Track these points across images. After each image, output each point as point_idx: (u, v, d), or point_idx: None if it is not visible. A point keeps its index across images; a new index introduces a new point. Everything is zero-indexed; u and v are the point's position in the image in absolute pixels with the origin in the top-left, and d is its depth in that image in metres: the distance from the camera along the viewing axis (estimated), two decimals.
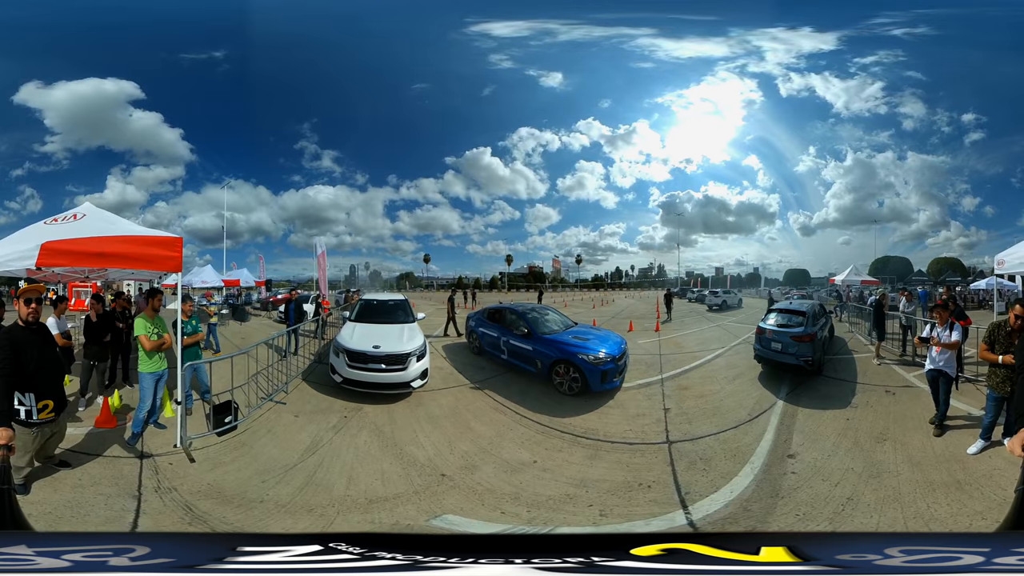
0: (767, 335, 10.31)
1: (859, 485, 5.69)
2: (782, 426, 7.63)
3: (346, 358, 8.76)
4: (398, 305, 11.45)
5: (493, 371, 10.57)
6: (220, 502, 5.42)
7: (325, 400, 8.70)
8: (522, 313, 10.90)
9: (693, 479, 6.03)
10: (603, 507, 5.38)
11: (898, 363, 11.22)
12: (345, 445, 6.89)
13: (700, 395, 9.45)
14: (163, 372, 6.85)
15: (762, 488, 5.78)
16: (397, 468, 6.25)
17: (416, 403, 8.62)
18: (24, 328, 4.72)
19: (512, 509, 5.31)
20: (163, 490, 5.55)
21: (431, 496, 5.62)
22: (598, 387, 8.93)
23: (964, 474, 5.78)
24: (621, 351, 9.70)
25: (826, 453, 6.59)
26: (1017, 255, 8.45)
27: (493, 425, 7.81)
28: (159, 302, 7.07)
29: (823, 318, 11.94)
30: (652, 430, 7.66)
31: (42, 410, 4.72)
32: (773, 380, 9.88)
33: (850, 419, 7.73)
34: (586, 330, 10.98)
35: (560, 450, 6.89)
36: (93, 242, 6.39)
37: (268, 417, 7.87)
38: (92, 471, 5.78)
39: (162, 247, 6.71)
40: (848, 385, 9.53)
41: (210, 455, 6.50)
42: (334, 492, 5.64)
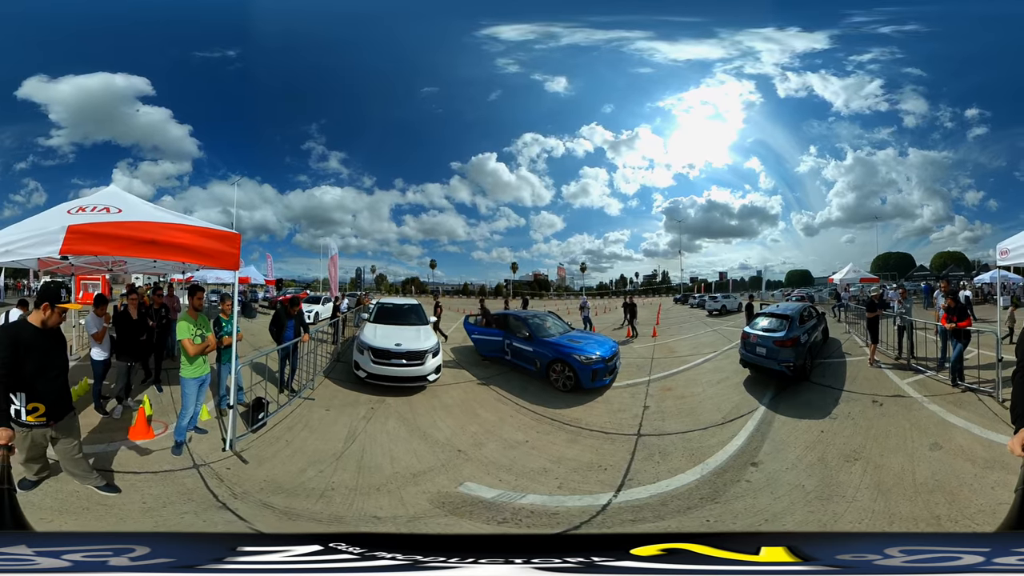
0: (751, 340, 10.25)
1: (797, 505, 5.31)
2: (757, 432, 7.44)
3: (371, 355, 9.50)
4: (412, 309, 12.30)
5: (497, 370, 11.39)
6: (293, 496, 5.51)
7: (351, 395, 9.29)
8: (524, 319, 11.65)
9: (643, 468, 6.52)
10: (563, 481, 6.15)
11: (893, 367, 10.33)
12: (378, 431, 7.55)
13: (680, 396, 9.77)
14: (207, 376, 6.42)
15: (700, 489, 5.85)
16: (424, 447, 7.09)
17: (431, 395, 9.47)
18: (36, 330, 4.44)
19: (506, 477, 6.20)
20: (240, 495, 5.37)
21: (454, 468, 6.44)
22: (589, 384, 9.68)
23: (944, 511, 4.87)
24: (612, 353, 10.41)
25: (786, 465, 6.27)
26: (1021, 244, 7.22)
27: (496, 412, 8.76)
28: (200, 300, 6.44)
29: (812, 321, 11.53)
30: (628, 423, 8.25)
31: (31, 412, 4.41)
32: (759, 385, 9.66)
33: (824, 431, 7.20)
34: (581, 334, 11.86)
35: (548, 433, 7.79)
36: (140, 228, 5.51)
37: (299, 413, 8.19)
38: (153, 491, 5.26)
39: (222, 242, 6.08)
40: (833, 393, 8.94)
41: (251, 454, 6.48)
42: (385, 471, 6.23)
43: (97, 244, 5.35)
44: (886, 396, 8.55)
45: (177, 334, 6.15)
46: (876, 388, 9.09)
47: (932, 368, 9.83)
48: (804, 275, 40.76)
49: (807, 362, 10.00)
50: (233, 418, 6.48)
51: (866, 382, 9.55)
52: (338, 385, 9.89)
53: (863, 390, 9.01)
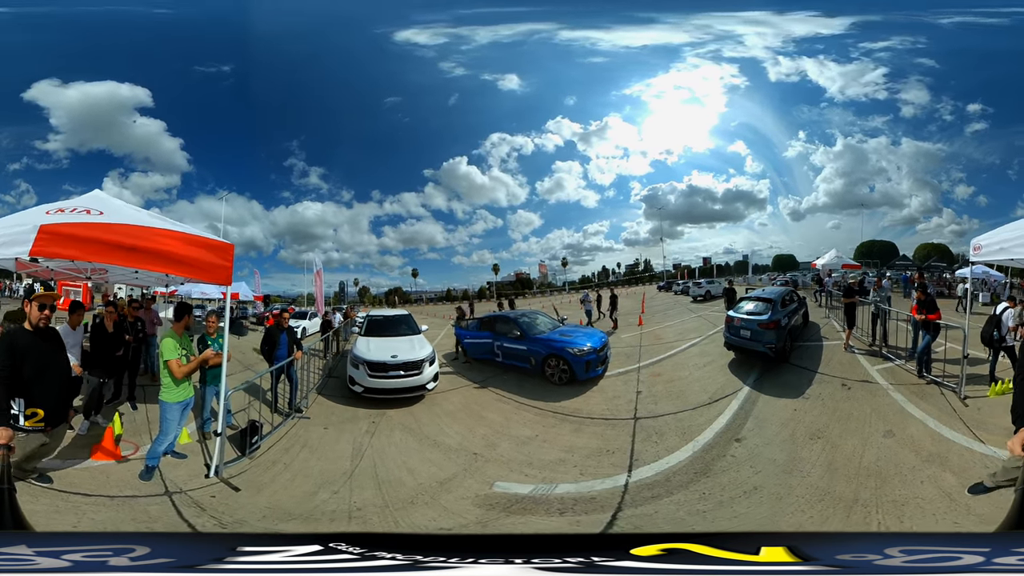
0: (735, 323, 10.43)
1: (769, 479, 5.55)
2: (741, 411, 7.73)
3: (367, 369, 9.24)
4: (402, 319, 12.07)
5: (491, 371, 11.24)
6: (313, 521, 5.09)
7: (348, 410, 8.89)
8: (514, 319, 11.62)
9: (645, 449, 6.74)
10: (583, 468, 6.26)
11: (866, 353, 10.43)
12: (385, 445, 7.19)
13: (670, 380, 9.97)
14: (191, 400, 5.78)
15: (694, 465, 6.09)
16: (439, 455, 6.86)
17: (431, 403, 9.25)
18: (31, 334, 4.37)
19: (530, 472, 6.21)
20: (231, 525, 4.87)
21: (477, 470, 6.31)
22: (583, 375, 9.74)
23: (869, 495, 4.98)
24: (603, 344, 10.53)
25: (765, 441, 6.58)
26: (995, 240, 7.10)
27: (500, 412, 8.69)
28: (191, 319, 5.79)
29: (792, 305, 11.70)
30: (624, 409, 8.41)
31: (30, 417, 4.33)
32: (744, 367, 9.89)
33: (797, 410, 7.55)
34: (571, 328, 11.86)
35: (554, 426, 7.83)
36: (119, 231, 4.92)
37: (295, 433, 7.70)
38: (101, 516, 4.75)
39: (213, 252, 5.38)
40: (808, 374, 9.21)
41: (244, 480, 5.90)
42: (408, 484, 5.92)
43: (70, 247, 4.75)
44: (855, 380, 8.77)
45: (162, 354, 5.44)
46: (847, 372, 9.28)
47: (903, 357, 10.01)
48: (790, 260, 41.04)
49: (787, 344, 10.15)
50: (221, 443, 5.85)
51: (839, 366, 9.76)
52: (333, 401, 9.58)
53: (835, 373, 9.23)
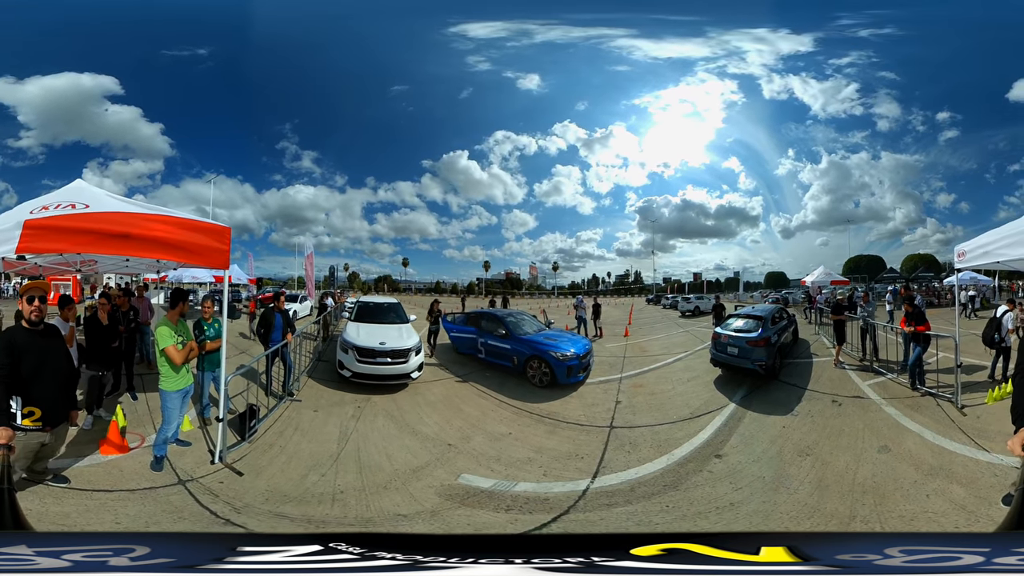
0: (722, 340, 10.49)
1: (755, 495, 5.51)
2: (724, 428, 7.71)
3: (356, 354, 9.46)
4: (391, 307, 12.31)
5: (474, 367, 11.49)
6: (305, 504, 5.27)
7: (336, 394, 9.20)
8: (501, 317, 11.77)
9: (616, 457, 6.80)
10: (548, 469, 6.41)
11: (857, 369, 10.59)
12: (370, 430, 7.51)
13: (651, 393, 10.05)
14: (190, 388, 5.90)
15: (664, 477, 6.12)
16: (416, 443, 7.16)
17: (414, 392, 9.55)
18: (27, 330, 4.26)
19: (497, 468, 6.41)
20: (243, 509, 5.03)
21: (447, 461, 6.54)
22: (564, 380, 9.95)
23: (868, 511, 4.86)
24: (586, 351, 10.75)
25: (751, 458, 6.52)
26: (978, 245, 7.09)
27: (479, 407, 8.95)
28: (186, 306, 5.84)
29: (783, 322, 11.83)
30: (601, 417, 8.58)
31: (27, 416, 4.23)
32: (731, 384, 9.89)
33: (786, 427, 7.46)
34: (556, 332, 12.13)
35: (528, 426, 8.07)
36: (111, 220, 4.75)
37: (288, 416, 7.98)
38: (132, 510, 4.76)
39: (209, 236, 5.30)
40: (798, 391, 9.20)
41: (246, 464, 6.09)
42: (385, 469, 6.19)
43: (59, 240, 4.64)
44: (846, 396, 8.78)
45: (158, 342, 5.48)
46: (838, 388, 9.32)
47: (895, 371, 10.13)
48: (781, 277, 41.11)
49: (776, 361, 10.25)
50: (223, 429, 5.98)
51: (829, 382, 9.81)
52: (322, 385, 9.76)
53: (825, 390, 9.27)
